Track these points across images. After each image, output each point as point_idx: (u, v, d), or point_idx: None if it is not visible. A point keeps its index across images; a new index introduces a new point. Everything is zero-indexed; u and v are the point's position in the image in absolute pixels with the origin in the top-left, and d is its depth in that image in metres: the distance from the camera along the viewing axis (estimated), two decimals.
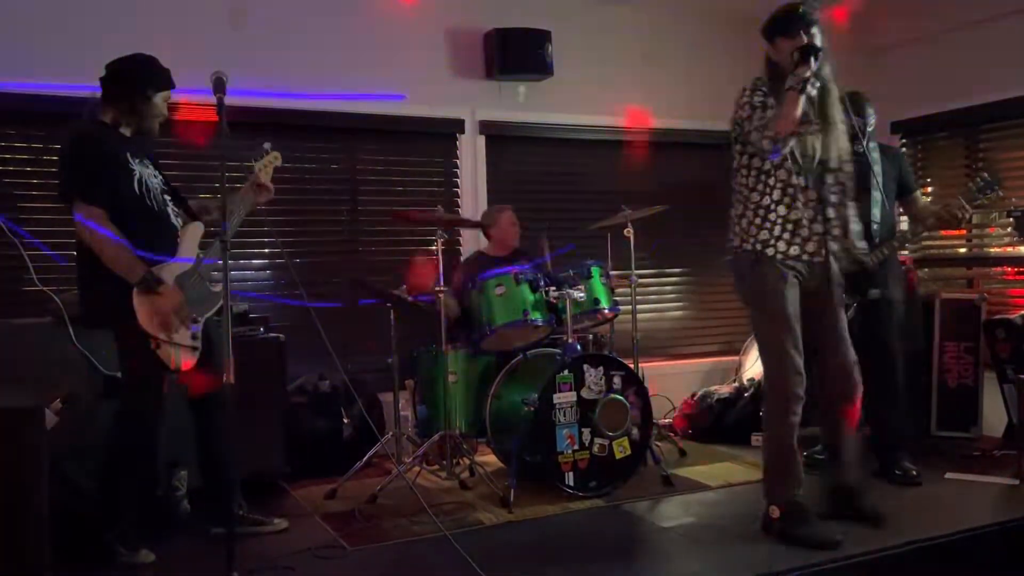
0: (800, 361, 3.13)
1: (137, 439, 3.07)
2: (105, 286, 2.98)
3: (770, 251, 3.14)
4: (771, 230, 3.14)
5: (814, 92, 3.06)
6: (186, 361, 3.07)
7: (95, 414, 3.18)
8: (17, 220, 4.16)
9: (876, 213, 4.01)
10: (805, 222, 3.14)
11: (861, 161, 4.04)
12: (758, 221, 3.16)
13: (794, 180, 3.14)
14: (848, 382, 3.27)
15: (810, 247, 3.16)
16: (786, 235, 3.14)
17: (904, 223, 4.44)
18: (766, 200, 3.15)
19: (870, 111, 3.99)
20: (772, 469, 3.24)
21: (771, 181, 3.16)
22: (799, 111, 3.00)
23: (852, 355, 3.28)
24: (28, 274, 3.62)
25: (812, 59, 2.99)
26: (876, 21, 5.68)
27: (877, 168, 4.03)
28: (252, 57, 4.50)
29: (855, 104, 3.98)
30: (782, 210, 3.15)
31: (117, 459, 3.06)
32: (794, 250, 3.15)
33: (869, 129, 3.98)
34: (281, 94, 4.66)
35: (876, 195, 4.01)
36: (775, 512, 3.17)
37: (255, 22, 4.61)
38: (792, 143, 3.07)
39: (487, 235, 4.80)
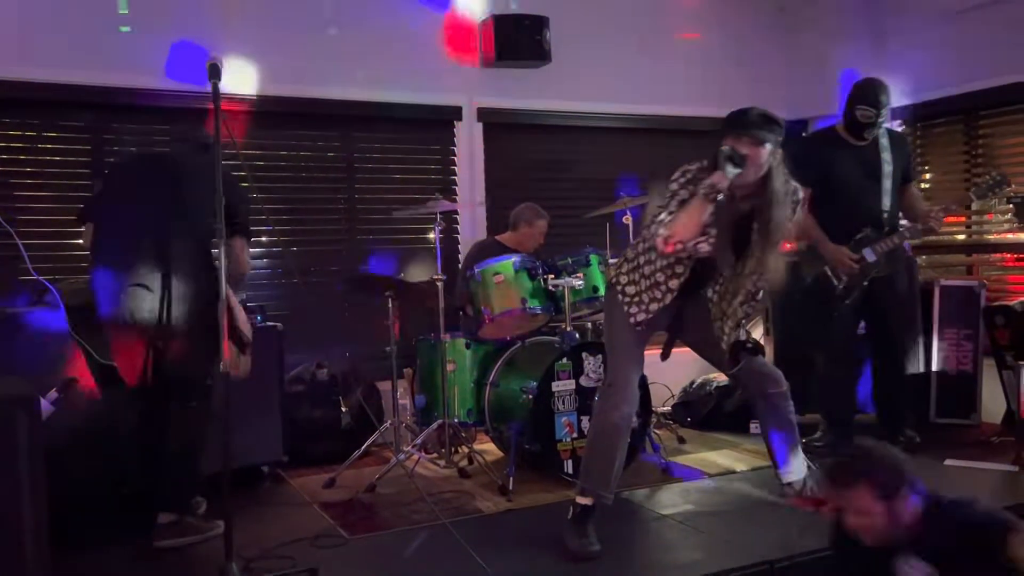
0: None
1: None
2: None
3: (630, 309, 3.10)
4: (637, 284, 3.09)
5: (718, 201, 2.81)
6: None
7: (92, 403, 3.17)
8: (12, 208, 4.15)
9: (886, 202, 4.00)
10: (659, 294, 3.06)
11: (871, 149, 4.03)
12: (635, 277, 3.09)
13: (678, 270, 3.02)
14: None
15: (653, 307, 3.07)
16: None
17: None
18: (647, 269, 3.06)
19: (885, 99, 3.93)
20: None
21: (657, 261, 3.03)
22: (701, 219, 2.81)
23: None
24: (23, 263, 3.60)
25: (729, 167, 2.77)
26: (877, 7, 5.64)
27: (887, 155, 4.01)
28: (249, 44, 4.48)
29: (873, 92, 3.93)
30: (647, 284, 3.06)
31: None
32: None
33: (881, 119, 3.94)
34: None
35: (886, 184, 3.99)
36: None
37: (251, 9, 4.58)
38: (679, 249, 2.87)
39: (514, 227, 4.73)
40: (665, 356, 3.38)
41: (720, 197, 2.81)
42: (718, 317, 3.15)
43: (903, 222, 4.14)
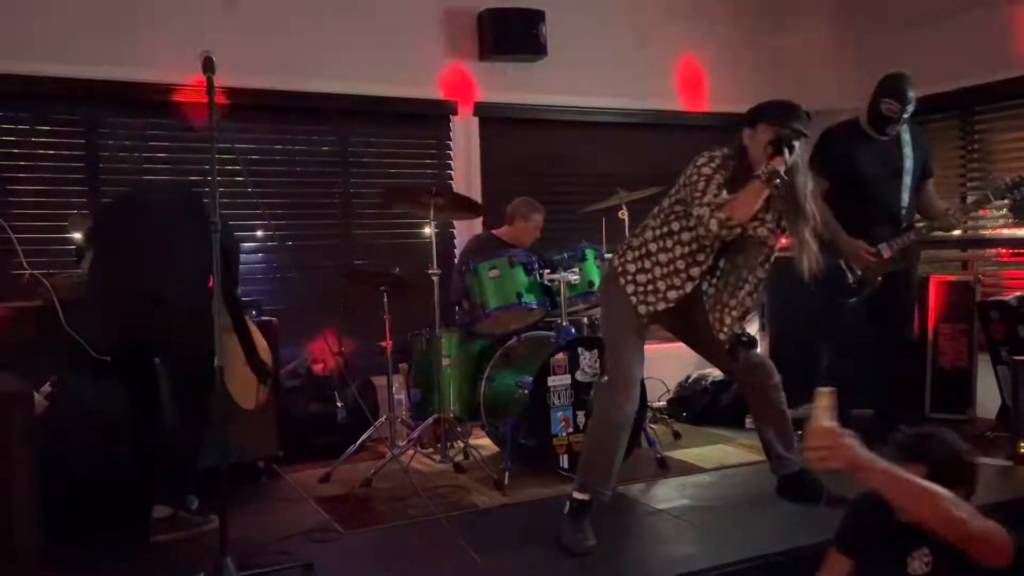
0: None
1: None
2: None
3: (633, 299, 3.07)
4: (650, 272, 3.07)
5: (777, 186, 2.87)
6: None
7: (85, 398, 3.16)
8: (5, 202, 4.14)
9: (905, 198, 4.01)
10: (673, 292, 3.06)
11: (892, 144, 4.02)
12: (646, 265, 3.07)
13: (699, 258, 3.04)
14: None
15: (670, 296, 3.07)
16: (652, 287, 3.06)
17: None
18: (663, 257, 3.06)
19: (911, 94, 3.90)
20: None
21: (675, 249, 3.05)
22: (758, 202, 2.89)
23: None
24: (16, 256, 3.58)
25: (788, 153, 2.85)
26: (871, 2, 5.64)
27: (908, 151, 4.01)
28: (244, 37, 4.46)
29: (900, 86, 3.89)
30: (663, 272, 3.06)
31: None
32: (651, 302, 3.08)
33: (905, 114, 3.92)
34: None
35: (906, 180, 4.00)
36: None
37: (247, 2, 4.56)
38: (736, 232, 2.94)
39: (510, 221, 4.71)
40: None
41: (778, 181, 2.85)
42: (716, 309, 3.15)
43: (919, 219, 4.15)
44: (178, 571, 2.85)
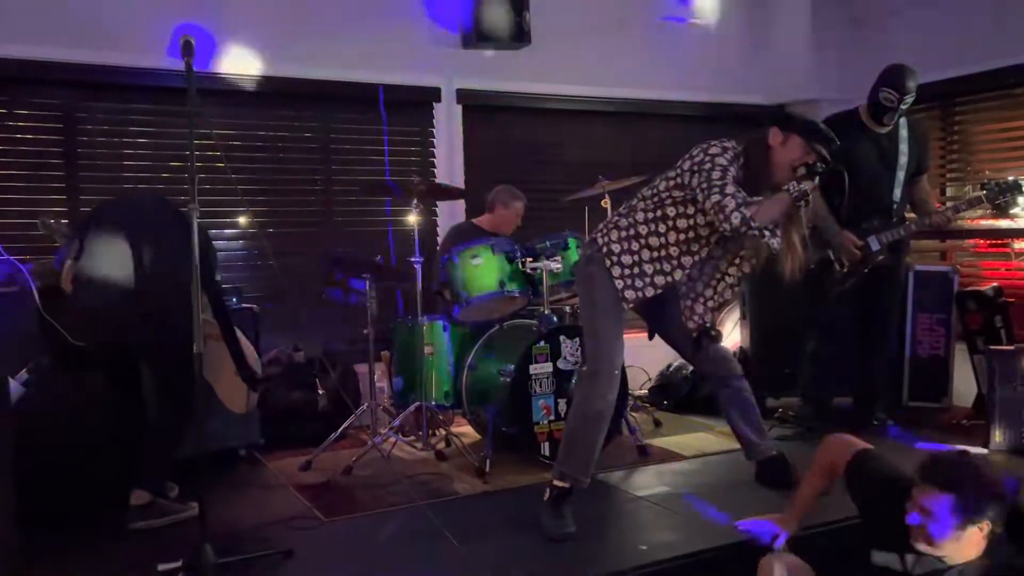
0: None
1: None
2: None
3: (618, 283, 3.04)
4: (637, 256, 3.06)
5: (800, 206, 2.93)
6: None
7: (62, 384, 3.14)
8: None
9: (897, 193, 4.03)
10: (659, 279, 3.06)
11: (890, 137, 4.02)
12: (634, 247, 3.05)
13: (693, 247, 3.05)
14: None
15: (648, 291, 3.07)
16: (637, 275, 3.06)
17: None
18: (654, 241, 3.04)
19: (911, 85, 3.90)
20: None
21: (669, 235, 3.04)
22: (779, 215, 2.92)
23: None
24: None
25: (816, 178, 2.90)
26: None
27: (904, 147, 4.03)
28: (225, 23, 4.41)
29: (900, 77, 3.89)
30: (651, 256, 3.05)
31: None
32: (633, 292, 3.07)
33: (904, 105, 3.92)
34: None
35: (900, 175, 4.02)
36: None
37: None
38: (753, 234, 2.91)
39: (491, 209, 4.70)
40: (652, 335, 3.38)
41: (803, 202, 2.90)
42: (688, 297, 3.15)
43: (910, 215, 4.18)
44: (157, 558, 2.84)
